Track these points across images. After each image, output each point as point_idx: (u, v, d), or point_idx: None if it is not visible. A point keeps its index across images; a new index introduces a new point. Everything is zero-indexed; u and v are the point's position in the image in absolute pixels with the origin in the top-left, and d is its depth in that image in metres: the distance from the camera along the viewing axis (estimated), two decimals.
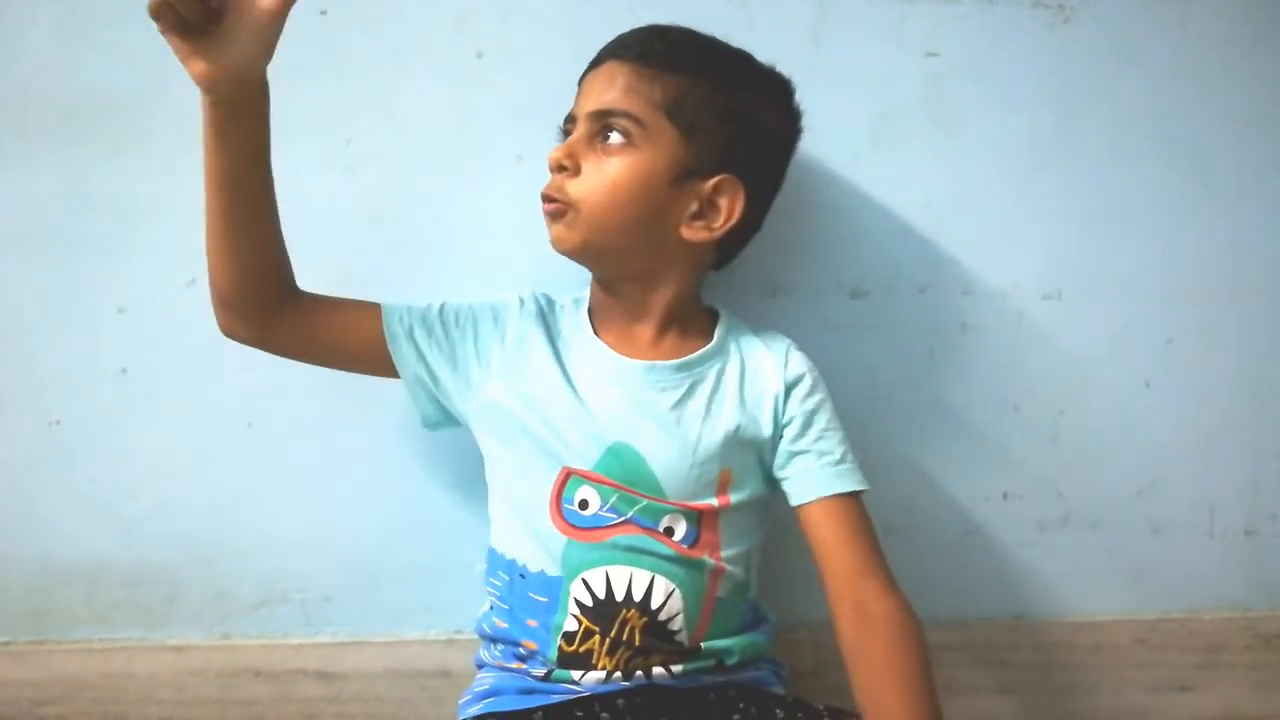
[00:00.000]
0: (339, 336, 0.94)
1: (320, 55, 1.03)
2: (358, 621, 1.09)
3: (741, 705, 0.89)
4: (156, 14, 0.77)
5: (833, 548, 0.90)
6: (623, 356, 0.93)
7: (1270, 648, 1.16)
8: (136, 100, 1.03)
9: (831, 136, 1.07)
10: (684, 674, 0.89)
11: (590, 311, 0.98)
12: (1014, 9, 1.08)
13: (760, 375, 0.95)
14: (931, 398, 1.12)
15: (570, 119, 0.94)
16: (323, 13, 1.03)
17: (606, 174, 0.90)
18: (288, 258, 0.91)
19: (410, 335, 0.94)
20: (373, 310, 0.94)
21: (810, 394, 0.95)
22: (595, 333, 0.96)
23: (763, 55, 0.97)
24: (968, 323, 1.11)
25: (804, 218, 1.08)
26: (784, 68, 1.01)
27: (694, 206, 0.92)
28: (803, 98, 1.05)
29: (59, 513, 1.06)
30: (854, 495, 0.92)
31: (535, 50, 1.05)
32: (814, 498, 0.91)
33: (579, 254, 0.93)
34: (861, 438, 0.98)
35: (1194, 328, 1.14)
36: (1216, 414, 1.15)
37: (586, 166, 0.90)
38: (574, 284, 0.99)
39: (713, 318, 0.99)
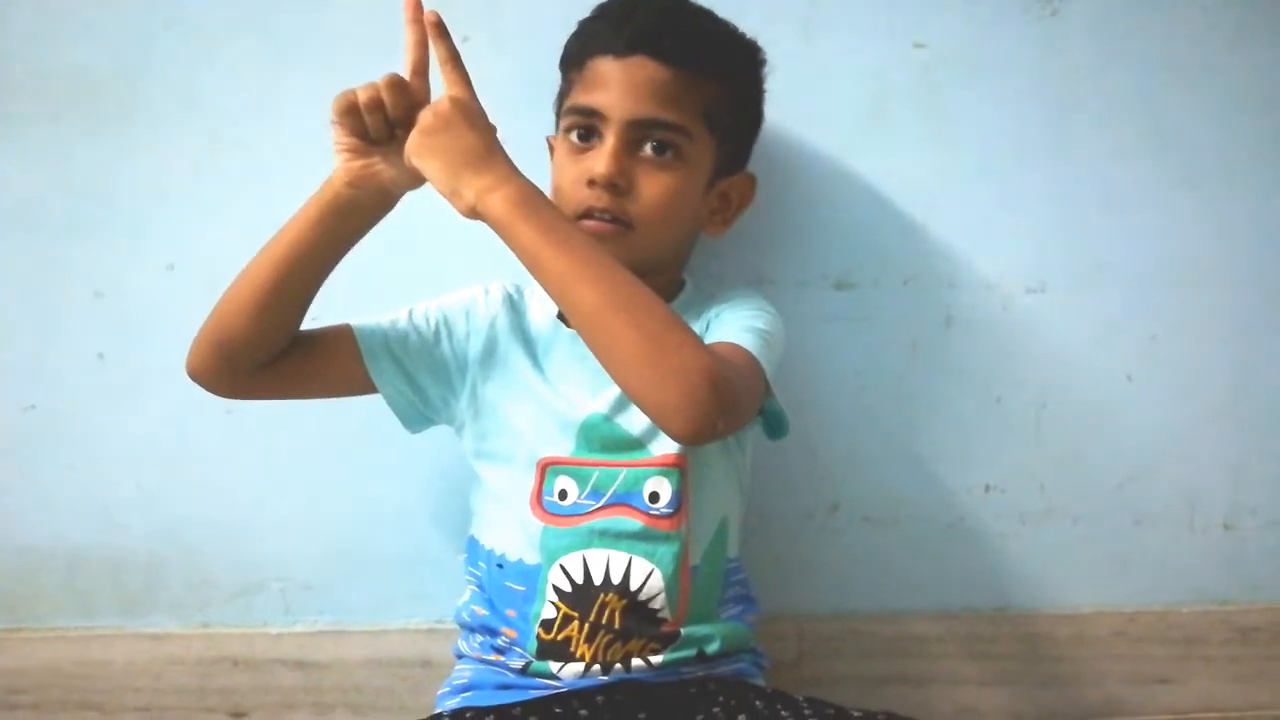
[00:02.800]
0: (317, 371, 0.92)
1: (306, 39, 1.02)
2: (338, 610, 1.08)
3: (721, 698, 0.89)
4: (341, 116, 0.80)
5: None
6: None
7: (1248, 641, 1.17)
8: (114, 80, 1.02)
9: (819, 128, 1.07)
10: (664, 665, 0.89)
11: None
12: (1002, 1, 1.08)
13: (705, 315, 0.93)
14: (915, 390, 1.12)
15: (592, 113, 0.88)
16: None
17: (662, 191, 0.88)
18: (286, 342, 0.89)
19: (388, 351, 0.92)
20: (343, 334, 0.92)
21: (735, 299, 0.93)
22: (561, 318, 0.94)
23: None
24: (952, 315, 1.11)
25: (790, 209, 1.08)
26: (773, 58, 1.00)
27: (714, 204, 0.93)
28: (791, 88, 1.05)
29: (36, 499, 1.06)
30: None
31: (523, 35, 1.04)
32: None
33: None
34: (844, 429, 0.98)
35: (1178, 322, 1.14)
36: (1198, 408, 1.15)
37: (639, 182, 0.88)
38: None
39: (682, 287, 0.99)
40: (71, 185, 1.03)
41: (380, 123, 0.81)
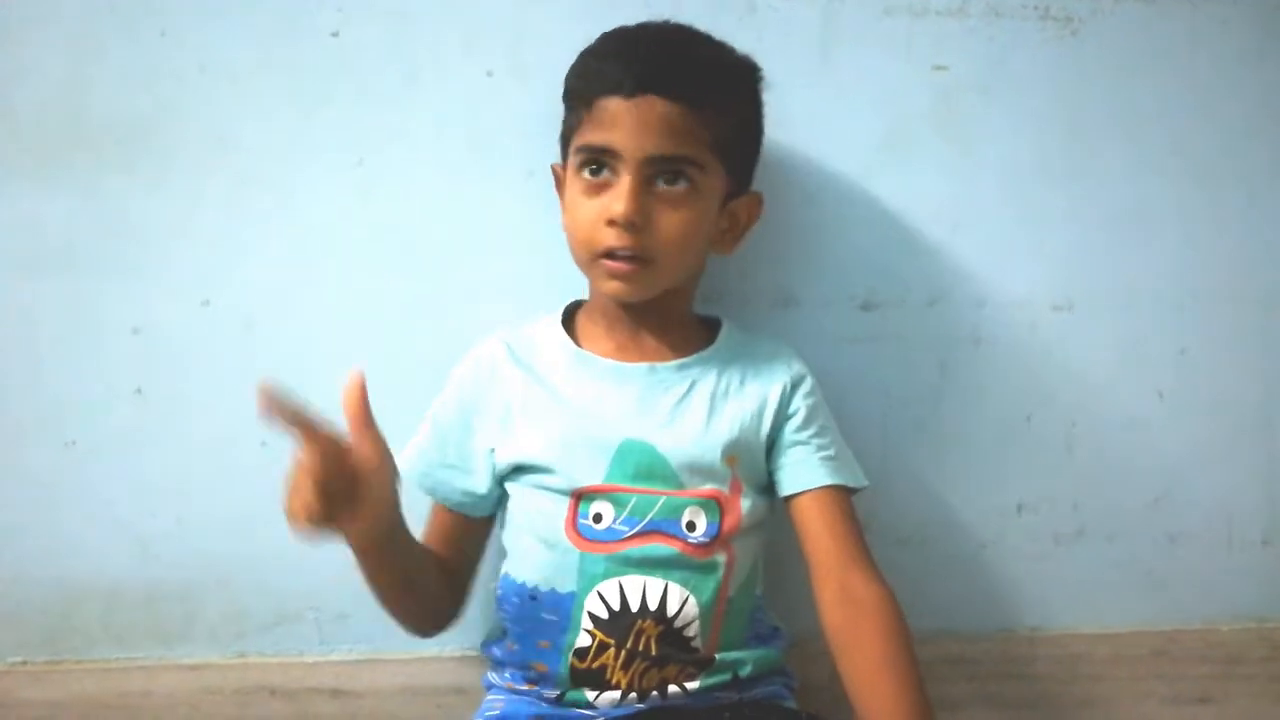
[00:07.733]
0: (474, 553, 0.99)
1: (331, 77, 1.04)
2: (373, 639, 1.09)
3: None
4: (316, 522, 0.75)
5: (821, 536, 0.91)
6: (621, 363, 0.94)
7: None
8: (148, 121, 1.03)
9: (841, 149, 1.07)
10: (699, 691, 0.89)
11: (572, 325, 0.98)
12: (1022, 22, 1.08)
13: (763, 371, 0.96)
14: (944, 410, 1.12)
15: (605, 151, 0.88)
16: (334, 34, 1.04)
17: (679, 224, 0.89)
18: (450, 582, 0.96)
19: (461, 491, 0.95)
20: (440, 514, 0.97)
21: (811, 392, 0.96)
22: (579, 344, 0.95)
23: (771, 68, 0.97)
24: (979, 335, 1.11)
25: (814, 230, 1.08)
26: (792, 81, 1.02)
27: (724, 224, 0.94)
28: (811, 111, 1.06)
29: (75, 533, 1.07)
30: (844, 490, 0.93)
31: (545, 68, 1.05)
32: (808, 487, 0.92)
33: (645, 300, 0.93)
34: (874, 451, 0.98)
35: (1207, 337, 1.13)
36: (1231, 423, 1.14)
37: (656, 217, 0.88)
38: (582, 293, 0.99)
39: (713, 325, 1.00)
40: (109, 225, 1.04)
41: (340, 488, 0.76)
